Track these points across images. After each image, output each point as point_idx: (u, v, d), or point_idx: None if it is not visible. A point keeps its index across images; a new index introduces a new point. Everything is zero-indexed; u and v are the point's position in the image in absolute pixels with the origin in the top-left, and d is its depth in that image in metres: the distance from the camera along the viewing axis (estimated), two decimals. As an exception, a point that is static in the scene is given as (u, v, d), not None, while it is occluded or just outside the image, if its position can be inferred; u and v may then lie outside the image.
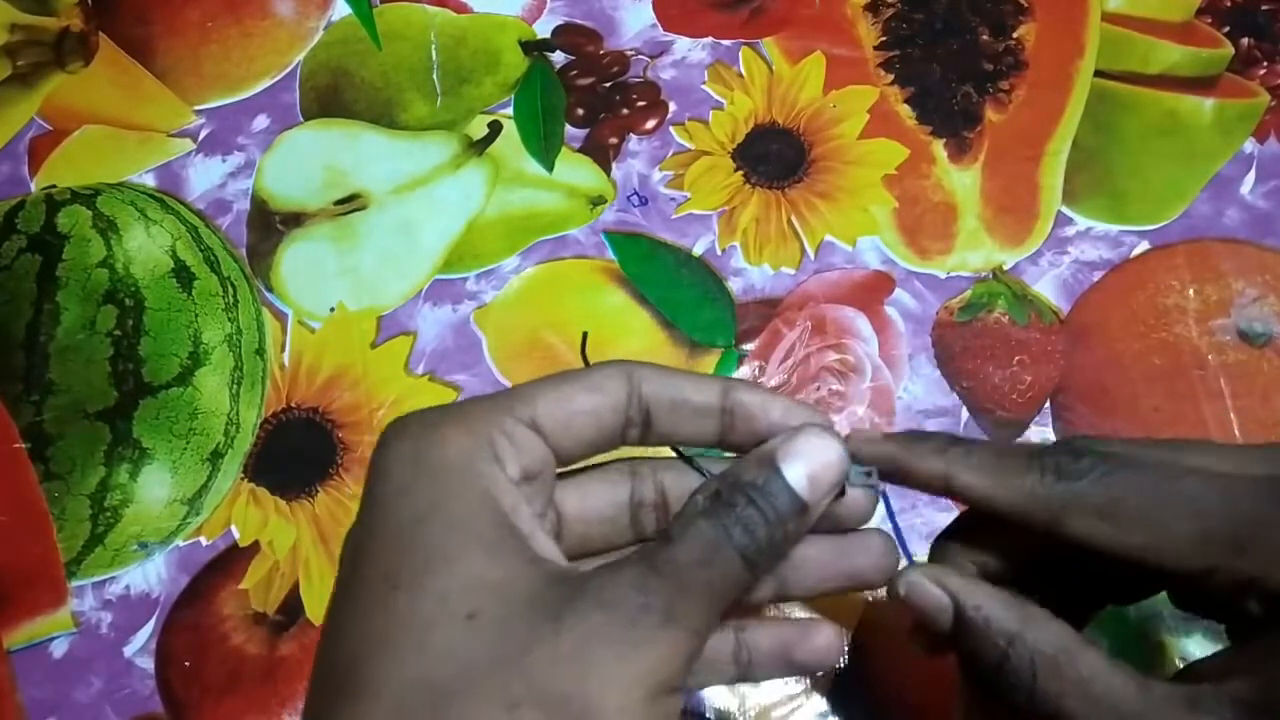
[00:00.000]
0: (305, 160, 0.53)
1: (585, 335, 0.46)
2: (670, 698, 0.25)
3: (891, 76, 0.53)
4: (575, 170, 0.52)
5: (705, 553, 0.25)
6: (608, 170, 0.52)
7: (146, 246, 0.51)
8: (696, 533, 0.26)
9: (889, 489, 0.30)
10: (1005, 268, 0.49)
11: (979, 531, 0.30)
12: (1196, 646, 0.40)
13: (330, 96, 0.54)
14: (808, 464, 0.27)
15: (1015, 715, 0.27)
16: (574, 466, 0.30)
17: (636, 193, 0.51)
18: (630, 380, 0.29)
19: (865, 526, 0.30)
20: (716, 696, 0.42)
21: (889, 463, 0.29)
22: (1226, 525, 0.25)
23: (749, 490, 0.26)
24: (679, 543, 0.25)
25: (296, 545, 0.46)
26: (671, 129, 0.52)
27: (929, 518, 0.43)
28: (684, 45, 0.54)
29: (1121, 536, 0.26)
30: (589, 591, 0.24)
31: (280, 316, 0.50)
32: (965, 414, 0.47)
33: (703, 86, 0.53)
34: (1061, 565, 0.29)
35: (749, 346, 0.48)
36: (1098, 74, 0.52)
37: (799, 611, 0.40)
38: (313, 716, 0.25)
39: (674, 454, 0.31)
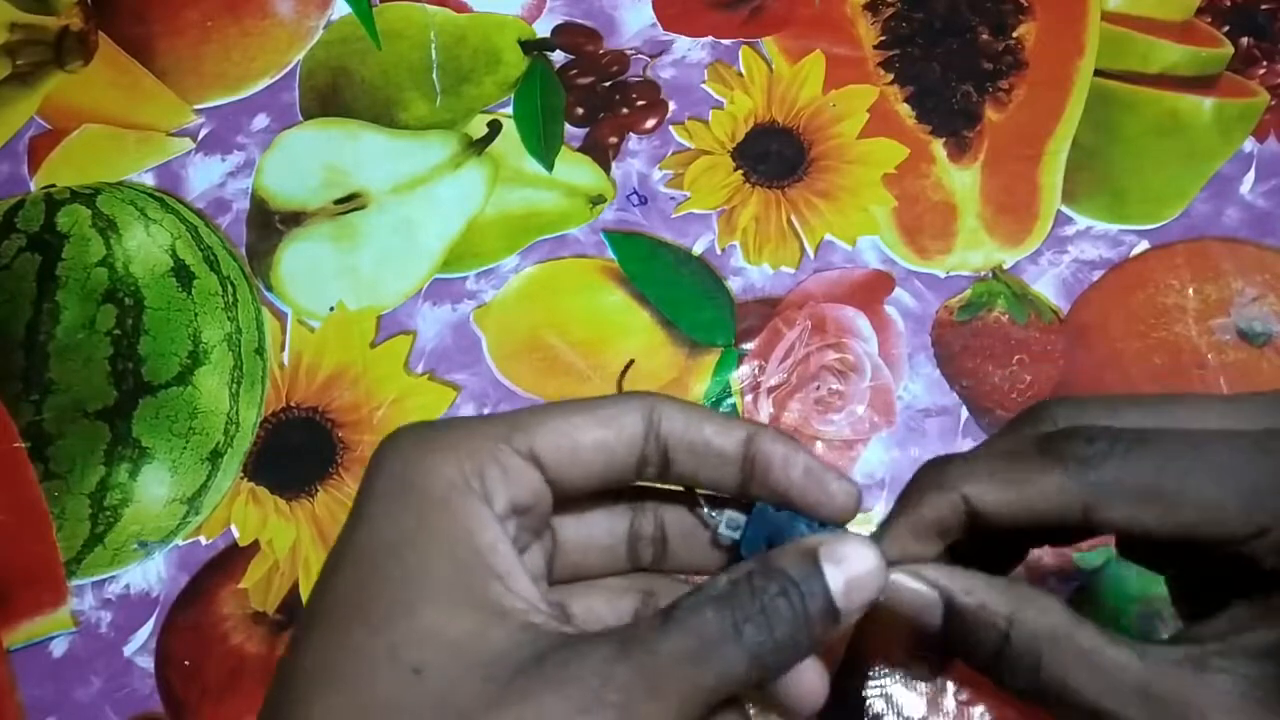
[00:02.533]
0: (305, 159, 0.53)
1: (630, 364, 0.46)
2: None
3: (891, 76, 0.53)
4: (575, 169, 0.52)
5: (699, 648, 0.23)
6: (607, 169, 0.52)
7: (146, 246, 0.51)
8: (698, 623, 0.23)
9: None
10: (1005, 267, 0.49)
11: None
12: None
13: (330, 96, 0.54)
14: (848, 570, 0.25)
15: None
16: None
17: (636, 192, 0.51)
18: (650, 417, 0.27)
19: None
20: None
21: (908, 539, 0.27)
22: (1273, 482, 0.25)
23: (784, 581, 0.24)
24: (673, 631, 0.23)
25: (296, 545, 0.46)
26: (671, 128, 0.52)
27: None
28: (684, 44, 0.54)
29: (1168, 516, 0.25)
30: (546, 666, 0.23)
31: (280, 316, 0.50)
32: (965, 413, 0.46)
33: (702, 86, 0.53)
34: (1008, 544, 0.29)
35: (749, 346, 0.48)
36: (1097, 73, 0.52)
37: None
38: None
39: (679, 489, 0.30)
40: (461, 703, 0.23)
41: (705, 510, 0.29)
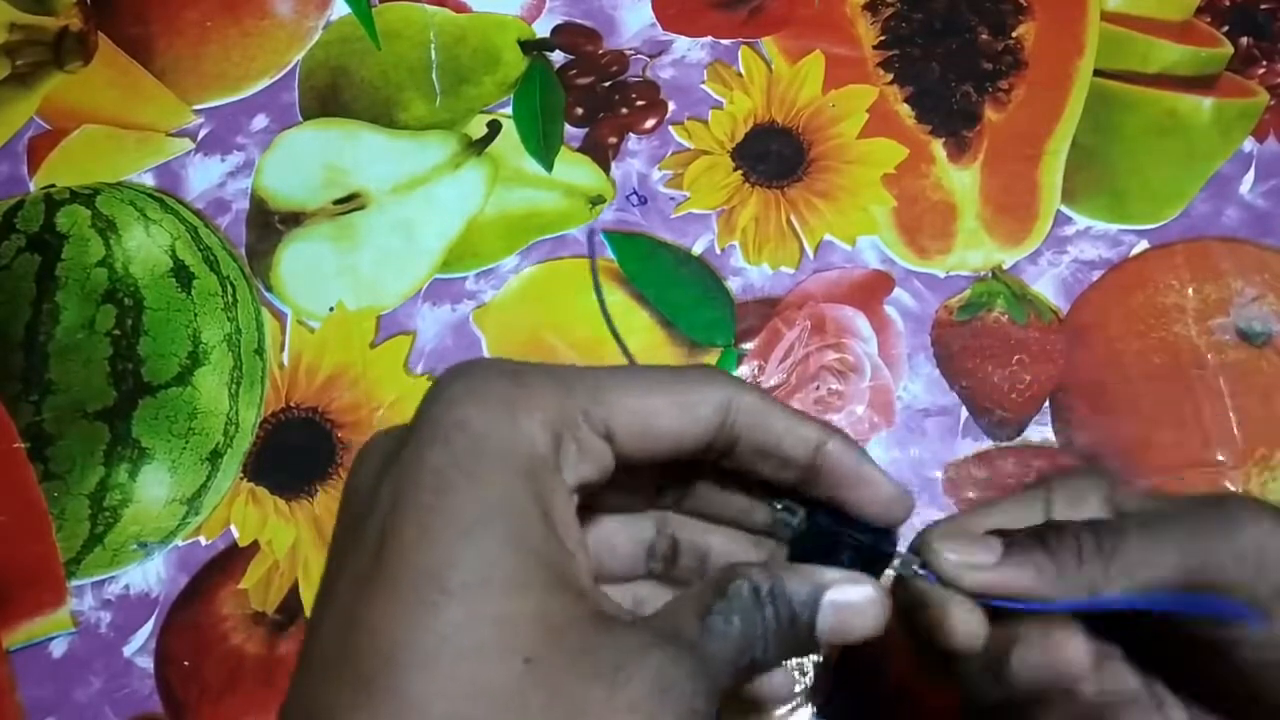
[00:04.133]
0: (304, 160, 0.53)
1: None
2: None
3: (891, 76, 0.53)
4: (574, 169, 0.52)
5: (738, 656, 0.25)
6: (607, 169, 0.52)
7: (146, 246, 0.51)
8: (735, 633, 0.25)
9: None
10: (1004, 267, 0.49)
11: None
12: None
13: (329, 96, 0.54)
14: (845, 618, 0.26)
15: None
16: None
17: (636, 192, 0.51)
18: (727, 411, 0.27)
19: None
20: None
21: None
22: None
23: (782, 609, 0.26)
24: (719, 639, 0.25)
25: (296, 545, 0.46)
26: (671, 128, 0.52)
27: None
28: (683, 44, 0.54)
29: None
30: (647, 665, 0.23)
31: (279, 316, 0.50)
32: (964, 413, 0.46)
33: (702, 86, 0.53)
34: None
35: (748, 346, 0.48)
36: (1097, 73, 0.52)
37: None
38: (328, 697, 0.23)
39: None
40: (572, 696, 0.22)
41: (779, 510, 0.30)
